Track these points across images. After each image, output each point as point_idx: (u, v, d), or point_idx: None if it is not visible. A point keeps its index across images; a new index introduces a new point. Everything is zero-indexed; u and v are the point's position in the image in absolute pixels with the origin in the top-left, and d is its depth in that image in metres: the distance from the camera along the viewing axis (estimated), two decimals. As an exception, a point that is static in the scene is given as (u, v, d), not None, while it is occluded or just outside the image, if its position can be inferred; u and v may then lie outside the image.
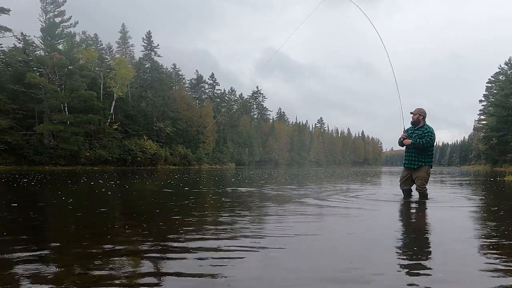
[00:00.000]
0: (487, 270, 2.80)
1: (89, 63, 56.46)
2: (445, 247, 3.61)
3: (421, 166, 7.58)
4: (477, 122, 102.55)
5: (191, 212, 6.10)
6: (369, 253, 3.43)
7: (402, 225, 5.23)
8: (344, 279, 2.58)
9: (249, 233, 4.23)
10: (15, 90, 44.31)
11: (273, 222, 5.13)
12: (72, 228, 4.77)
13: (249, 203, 7.52)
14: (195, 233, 4.22)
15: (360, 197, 8.49)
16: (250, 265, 2.97)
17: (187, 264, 2.94)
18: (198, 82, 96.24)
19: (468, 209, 6.78)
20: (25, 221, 5.15)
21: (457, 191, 11.45)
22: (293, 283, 2.51)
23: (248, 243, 3.69)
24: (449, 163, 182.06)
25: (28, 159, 43.67)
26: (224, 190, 10.82)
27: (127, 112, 62.38)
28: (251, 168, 64.03)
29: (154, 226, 4.78)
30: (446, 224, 5.19)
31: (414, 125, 7.75)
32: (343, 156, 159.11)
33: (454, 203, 7.58)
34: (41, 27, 52.31)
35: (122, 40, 77.03)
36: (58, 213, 6.16)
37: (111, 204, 7.79)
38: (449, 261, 3.08)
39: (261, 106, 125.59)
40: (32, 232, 4.41)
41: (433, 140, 7.48)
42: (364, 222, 5.27)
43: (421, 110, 7.68)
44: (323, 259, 3.18)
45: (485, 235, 4.31)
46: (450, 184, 16.02)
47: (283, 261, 3.06)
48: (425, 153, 7.57)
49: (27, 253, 3.21)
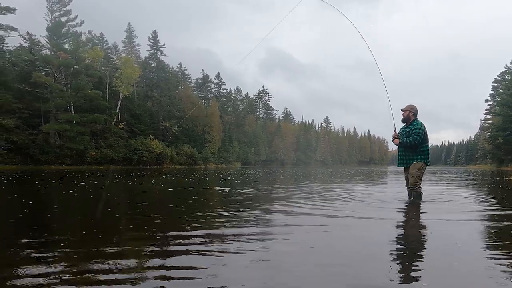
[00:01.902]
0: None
1: (95, 63, 56.42)
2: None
3: (413, 163, 7.31)
4: (483, 122, 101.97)
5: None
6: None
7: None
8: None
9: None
10: (21, 90, 44.28)
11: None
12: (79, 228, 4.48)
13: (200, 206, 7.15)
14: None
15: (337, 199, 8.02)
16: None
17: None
18: (204, 81, 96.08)
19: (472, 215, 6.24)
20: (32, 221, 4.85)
21: (460, 191, 11.05)
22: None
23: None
24: (455, 162, 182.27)
25: (34, 159, 43.62)
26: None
27: (133, 111, 62.31)
28: (256, 168, 63.79)
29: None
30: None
31: (405, 122, 7.49)
32: (349, 156, 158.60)
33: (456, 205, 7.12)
34: (47, 26, 52.24)
35: (128, 40, 76.99)
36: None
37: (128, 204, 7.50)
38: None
39: (267, 105, 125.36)
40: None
41: (420, 136, 7.12)
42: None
43: (411, 107, 7.41)
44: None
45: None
46: (454, 184, 15.62)
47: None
48: (417, 149, 7.28)
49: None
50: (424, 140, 7.22)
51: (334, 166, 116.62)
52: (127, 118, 60.36)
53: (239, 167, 69.56)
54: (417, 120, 7.33)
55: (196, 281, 2.52)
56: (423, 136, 7.16)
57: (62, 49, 49.46)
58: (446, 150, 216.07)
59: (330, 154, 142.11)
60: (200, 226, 4.58)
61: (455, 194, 9.57)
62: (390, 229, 4.64)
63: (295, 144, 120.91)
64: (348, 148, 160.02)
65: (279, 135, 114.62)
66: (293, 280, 2.54)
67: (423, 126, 7.21)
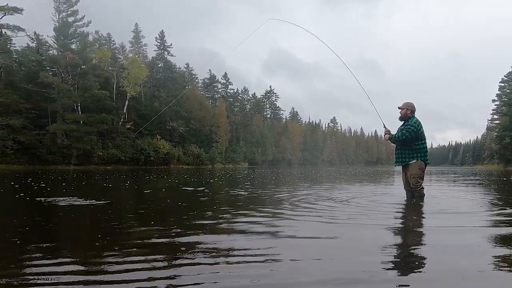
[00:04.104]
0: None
1: (102, 63, 56.42)
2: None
3: (412, 162, 6.95)
4: (490, 122, 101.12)
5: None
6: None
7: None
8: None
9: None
10: (28, 90, 44.29)
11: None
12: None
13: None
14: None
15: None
16: None
17: None
18: (211, 81, 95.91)
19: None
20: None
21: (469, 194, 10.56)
22: None
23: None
24: (462, 162, 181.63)
25: (41, 159, 43.55)
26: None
27: (140, 111, 62.22)
28: (263, 168, 63.33)
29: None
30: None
31: (403, 120, 7.17)
32: (356, 156, 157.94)
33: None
34: (54, 26, 52.29)
35: (135, 40, 77.01)
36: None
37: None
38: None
39: (274, 105, 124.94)
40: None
41: (410, 133, 6.79)
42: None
43: (408, 104, 7.12)
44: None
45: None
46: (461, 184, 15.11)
47: None
48: (411, 147, 6.94)
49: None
50: (417, 137, 6.89)
51: (342, 166, 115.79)
52: (134, 118, 60.27)
53: (246, 167, 69.21)
54: (413, 117, 7.02)
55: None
56: (414, 133, 6.81)
57: (69, 49, 49.49)
58: (453, 150, 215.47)
59: (337, 154, 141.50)
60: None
61: (460, 195, 9.02)
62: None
63: (302, 144, 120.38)
64: (355, 148, 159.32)
65: (286, 135, 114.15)
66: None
67: (417, 123, 6.89)
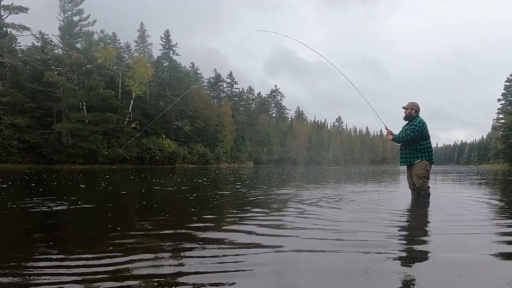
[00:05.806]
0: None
1: (107, 62, 56.18)
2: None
3: (416, 161, 6.89)
4: (495, 121, 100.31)
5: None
6: None
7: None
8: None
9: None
10: (33, 89, 44.23)
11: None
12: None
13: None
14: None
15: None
16: None
17: None
18: (217, 81, 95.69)
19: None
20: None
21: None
22: None
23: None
24: (467, 162, 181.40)
25: (46, 158, 43.46)
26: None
27: (145, 110, 62.03)
28: (269, 167, 63.05)
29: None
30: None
31: (407, 120, 7.09)
32: (361, 155, 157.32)
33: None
34: (59, 25, 52.07)
35: (141, 39, 76.83)
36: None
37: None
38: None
39: (279, 105, 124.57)
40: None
41: (414, 132, 6.72)
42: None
43: (413, 104, 7.03)
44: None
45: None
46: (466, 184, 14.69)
47: None
48: (416, 146, 6.86)
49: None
50: (422, 137, 6.81)
51: (347, 165, 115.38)
52: (140, 117, 60.09)
53: (251, 167, 68.93)
54: (418, 117, 6.95)
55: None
56: (419, 133, 6.74)
57: (75, 49, 49.33)
58: (458, 149, 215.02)
59: (343, 154, 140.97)
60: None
61: (466, 197, 8.57)
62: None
63: (307, 144, 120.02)
64: (360, 147, 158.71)
65: (291, 134, 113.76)
66: None
67: (421, 123, 6.81)
